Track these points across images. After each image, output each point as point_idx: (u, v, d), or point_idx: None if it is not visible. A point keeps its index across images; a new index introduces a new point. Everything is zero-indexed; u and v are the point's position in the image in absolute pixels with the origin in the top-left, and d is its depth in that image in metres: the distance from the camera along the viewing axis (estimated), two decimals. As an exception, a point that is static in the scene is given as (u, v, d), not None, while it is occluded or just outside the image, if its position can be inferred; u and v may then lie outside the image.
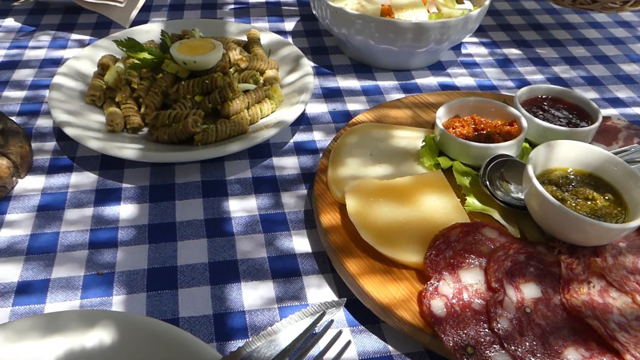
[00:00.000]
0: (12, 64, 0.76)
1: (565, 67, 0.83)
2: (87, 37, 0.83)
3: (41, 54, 0.78)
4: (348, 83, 0.76)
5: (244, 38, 0.77)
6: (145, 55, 0.66)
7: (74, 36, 0.83)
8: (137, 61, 0.66)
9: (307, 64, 0.70)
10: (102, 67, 0.67)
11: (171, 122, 0.61)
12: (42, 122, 0.66)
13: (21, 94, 0.71)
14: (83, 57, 0.70)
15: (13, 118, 0.67)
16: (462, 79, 0.78)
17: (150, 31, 0.76)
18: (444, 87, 0.76)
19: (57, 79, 0.65)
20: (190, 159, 0.57)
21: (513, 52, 0.85)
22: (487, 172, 0.53)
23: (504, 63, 0.82)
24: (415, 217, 0.49)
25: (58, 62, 0.77)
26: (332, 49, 0.83)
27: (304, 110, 0.68)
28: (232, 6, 0.93)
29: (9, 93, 0.71)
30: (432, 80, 0.78)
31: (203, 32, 0.76)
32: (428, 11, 0.74)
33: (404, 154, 0.57)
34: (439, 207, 0.50)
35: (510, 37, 0.89)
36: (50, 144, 0.63)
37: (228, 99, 0.62)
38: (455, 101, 0.60)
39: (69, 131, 0.58)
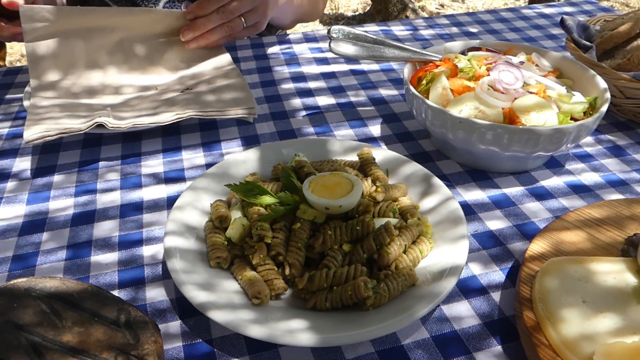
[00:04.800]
0: (89, 217, 0.64)
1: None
2: (161, 170, 0.72)
3: (116, 198, 0.67)
4: (472, 195, 0.68)
5: (349, 157, 0.69)
6: (268, 199, 0.57)
7: (145, 169, 0.72)
8: (262, 209, 0.56)
9: (442, 185, 0.62)
10: (220, 221, 0.57)
11: (329, 284, 0.51)
12: (154, 294, 0.55)
13: (113, 256, 0.59)
14: (186, 206, 0.59)
15: (115, 292, 0.55)
16: (587, 175, 0.72)
17: (247, 161, 0.66)
18: (575, 189, 0.69)
19: (169, 241, 0.54)
20: (385, 332, 0.47)
21: (619, 135, 0.80)
22: None
23: (617, 151, 0.77)
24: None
25: (140, 207, 0.66)
26: (435, 155, 0.75)
27: (454, 241, 0.59)
28: (304, 113, 0.85)
29: (98, 257, 0.59)
30: (557, 181, 0.71)
31: (307, 155, 0.67)
32: (551, 110, 0.68)
33: (621, 296, 0.49)
34: None
35: (607, 120, 0.84)
36: (175, 324, 0.52)
37: (384, 245, 0.53)
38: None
39: (217, 317, 0.47)
